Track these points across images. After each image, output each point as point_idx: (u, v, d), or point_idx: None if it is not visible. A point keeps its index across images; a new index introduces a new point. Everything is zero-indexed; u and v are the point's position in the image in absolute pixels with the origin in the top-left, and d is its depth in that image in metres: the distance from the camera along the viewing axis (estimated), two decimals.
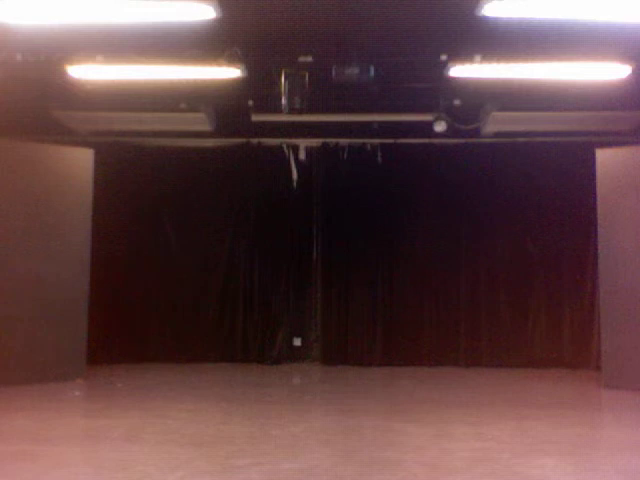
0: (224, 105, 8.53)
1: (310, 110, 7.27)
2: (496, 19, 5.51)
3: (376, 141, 9.48)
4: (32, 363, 7.46)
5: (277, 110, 7.24)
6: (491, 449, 5.07)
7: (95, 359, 8.33)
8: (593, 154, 7.91)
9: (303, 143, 9.61)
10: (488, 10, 5.25)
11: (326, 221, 9.63)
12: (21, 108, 7.92)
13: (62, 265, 7.77)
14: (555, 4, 5.20)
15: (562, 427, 5.89)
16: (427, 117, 8.54)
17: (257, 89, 7.82)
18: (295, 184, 9.57)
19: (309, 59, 6.84)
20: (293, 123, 8.52)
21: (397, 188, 9.43)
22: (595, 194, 7.84)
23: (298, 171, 9.57)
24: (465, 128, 8.90)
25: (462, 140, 9.19)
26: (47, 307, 7.63)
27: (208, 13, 5.29)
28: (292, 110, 7.00)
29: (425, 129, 8.70)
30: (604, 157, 7.84)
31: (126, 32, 5.98)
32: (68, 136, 8.78)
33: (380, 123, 9.00)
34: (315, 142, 9.62)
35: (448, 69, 6.81)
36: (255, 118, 8.64)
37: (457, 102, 8.32)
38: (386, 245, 9.46)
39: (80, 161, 8.05)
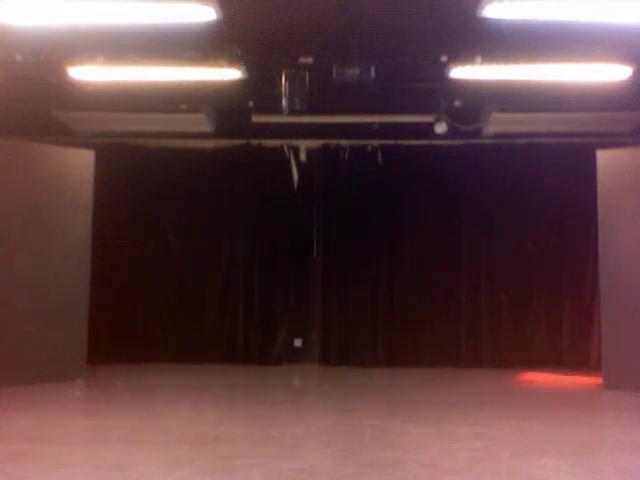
0: (224, 106, 8.53)
1: (311, 111, 7.28)
2: (497, 20, 5.51)
3: (377, 142, 9.48)
4: (32, 363, 7.45)
5: (278, 111, 7.24)
6: (491, 449, 5.07)
7: (95, 359, 8.32)
8: (594, 155, 7.91)
9: (304, 144, 9.61)
10: (489, 11, 5.24)
11: (326, 222, 9.63)
12: (22, 109, 7.93)
13: (62, 265, 7.77)
14: (556, 5, 5.20)
15: (562, 427, 5.89)
16: (428, 118, 8.54)
17: (257, 90, 7.82)
18: (296, 185, 9.57)
19: (309, 60, 6.84)
20: (294, 124, 8.51)
21: (398, 189, 9.43)
22: (596, 195, 7.84)
23: (299, 172, 9.57)
24: (466, 129, 8.90)
25: (463, 141, 9.19)
26: (47, 307, 7.62)
27: (208, 14, 5.28)
28: (292, 111, 7.01)
29: (426, 130, 8.69)
30: (605, 158, 7.84)
31: (127, 33, 5.98)
32: (69, 137, 8.78)
33: (381, 124, 8.99)
34: (316, 143, 9.62)
35: (449, 70, 6.80)
36: (255, 119, 8.63)
37: (458, 103, 8.32)
38: (386, 246, 9.46)
39: (81, 162, 8.06)
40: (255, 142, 9.57)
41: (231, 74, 6.85)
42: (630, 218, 7.64)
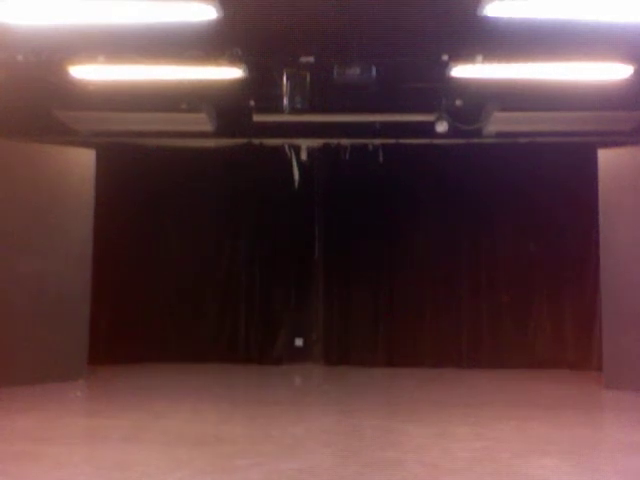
0: (225, 105, 8.52)
1: (312, 110, 7.27)
2: (498, 19, 5.50)
3: (378, 141, 9.47)
4: (33, 363, 7.46)
5: (279, 110, 7.24)
6: (492, 449, 5.07)
7: (96, 359, 8.32)
8: (595, 154, 7.90)
9: (305, 143, 9.60)
10: (490, 10, 5.24)
11: (328, 221, 9.62)
12: (23, 108, 7.92)
13: (64, 265, 7.77)
14: (556, 4, 5.19)
15: (563, 427, 5.89)
16: (429, 117, 8.53)
17: (258, 89, 7.81)
18: (297, 184, 9.55)
19: (310, 59, 6.83)
20: (295, 123, 8.50)
21: (398, 188, 9.41)
22: (597, 194, 7.83)
23: (300, 171, 9.56)
24: (467, 128, 8.88)
25: (464, 140, 9.17)
26: (48, 307, 7.63)
27: (209, 13, 5.28)
28: (293, 110, 7.00)
29: (427, 129, 8.68)
30: (606, 157, 7.83)
31: (127, 32, 5.98)
32: (70, 136, 8.77)
33: (382, 123, 8.98)
34: (317, 142, 9.61)
35: (450, 69, 6.80)
36: (257, 118, 8.62)
37: (459, 102, 8.30)
38: (387, 245, 9.45)
39: (82, 161, 8.06)
40: (256, 141, 9.57)
41: (232, 73, 6.85)
42: (631, 217, 7.63)
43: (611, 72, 6.81)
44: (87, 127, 8.88)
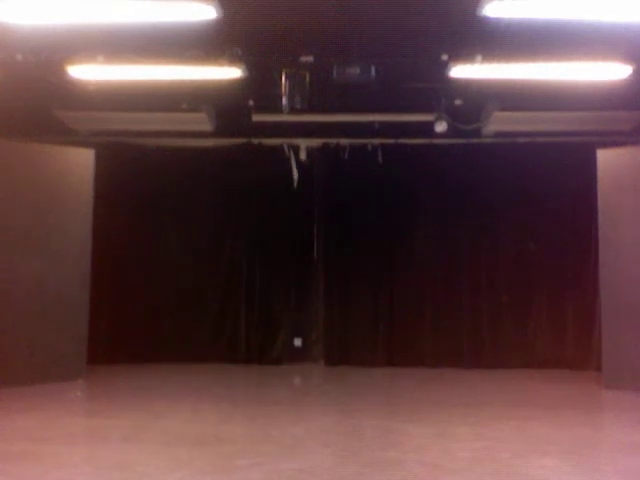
0: (225, 105, 8.52)
1: (311, 110, 7.27)
2: (497, 19, 5.50)
3: (377, 141, 9.47)
4: (33, 363, 7.46)
5: (278, 110, 7.23)
6: (492, 449, 5.07)
7: (95, 359, 8.31)
8: (594, 154, 7.91)
9: (304, 143, 9.59)
10: (489, 10, 5.24)
11: (327, 221, 9.62)
12: (22, 108, 7.92)
13: (63, 265, 7.77)
14: (556, 4, 5.19)
15: (563, 427, 5.89)
16: (428, 117, 8.52)
17: (258, 89, 7.80)
18: (296, 184, 9.55)
19: (310, 59, 6.82)
20: (294, 123, 8.50)
21: (398, 188, 9.41)
22: (596, 194, 7.83)
23: (299, 171, 9.56)
24: (466, 128, 8.88)
25: (463, 140, 9.17)
26: (48, 307, 7.63)
27: (209, 13, 5.28)
28: (293, 110, 6.99)
29: (426, 129, 8.68)
30: (605, 157, 7.84)
31: (127, 32, 5.97)
32: (69, 136, 8.77)
33: (381, 123, 8.97)
34: (316, 142, 9.61)
35: (449, 69, 6.79)
36: (256, 118, 8.62)
37: (458, 102, 8.31)
38: (387, 245, 9.45)
39: (81, 161, 8.06)
40: (255, 141, 9.57)
41: (231, 73, 6.84)
42: (630, 217, 7.63)
43: (611, 72, 6.81)
44: (86, 127, 8.87)
